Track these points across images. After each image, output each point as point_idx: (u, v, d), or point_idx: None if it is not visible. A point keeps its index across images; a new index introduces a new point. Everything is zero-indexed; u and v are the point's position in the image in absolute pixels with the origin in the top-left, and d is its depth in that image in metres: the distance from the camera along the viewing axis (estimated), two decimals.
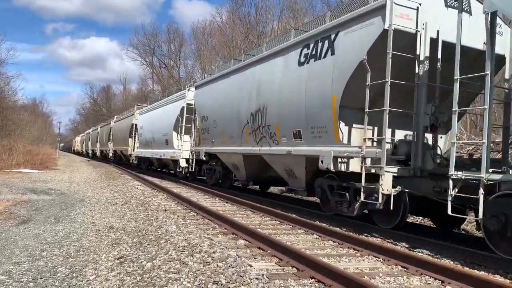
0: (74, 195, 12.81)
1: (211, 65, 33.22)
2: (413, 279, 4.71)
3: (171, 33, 55.44)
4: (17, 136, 31.21)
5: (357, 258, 5.60)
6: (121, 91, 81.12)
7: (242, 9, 36.31)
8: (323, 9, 29.40)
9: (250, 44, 32.12)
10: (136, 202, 10.82)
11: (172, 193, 12.54)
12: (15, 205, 10.55)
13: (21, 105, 42.07)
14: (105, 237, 6.74)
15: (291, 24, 29.83)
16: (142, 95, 61.05)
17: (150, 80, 61.53)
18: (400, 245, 6.30)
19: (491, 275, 4.94)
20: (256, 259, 5.32)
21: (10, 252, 5.92)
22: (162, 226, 7.47)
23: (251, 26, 34.85)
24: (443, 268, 4.76)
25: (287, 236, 6.98)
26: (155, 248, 5.85)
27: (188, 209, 9.79)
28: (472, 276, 4.47)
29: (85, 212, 9.41)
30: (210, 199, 11.87)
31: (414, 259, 5.15)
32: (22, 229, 7.62)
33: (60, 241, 6.54)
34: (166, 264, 5.04)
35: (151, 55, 57.71)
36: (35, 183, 16.52)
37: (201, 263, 5.01)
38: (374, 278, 4.68)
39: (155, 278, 4.53)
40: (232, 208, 10.20)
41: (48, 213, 9.40)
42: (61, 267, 5.07)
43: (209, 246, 5.81)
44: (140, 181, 18.23)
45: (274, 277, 4.52)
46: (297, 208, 9.75)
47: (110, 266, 5.07)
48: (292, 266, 4.96)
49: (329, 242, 6.53)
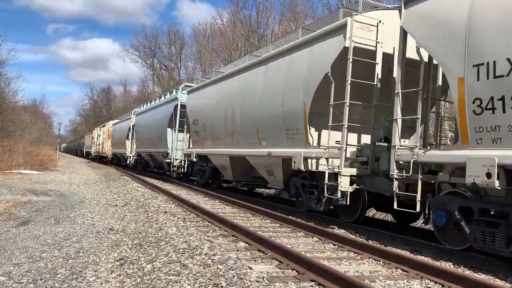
0: (74, 197, 12.81)
1: (211, 67, 33.21)
2: (413, 282, 4.70)
3: (171, 35, 55.55)
4: (17, 137, 31.23)
5: (357, 261, 5.60)
6: (122, 93, 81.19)
7: (243, 11, 36.39)
8: (324, 11, 29.45)
9: (250, 46, 32.15)
10: (136, 204, 10.81)
11: (172, 195, 12.53)
12: (15, 206, 10.55)
13: (22, 106, 42.20)
14: (105, 238, 6.74)
15: (292, 26, 29.88)
16: (143, 96, 61.07)
17: (151, 81, 61.62)
18: (401, 248, 6.30)
19: (491, 278, 4.94)
20: (256, 262, 5.31)
21: (10, 253, 5.92)
22: (162, 228, 7.46)
23: (252, 28, 34.88)
24: (443, 271, 4.76)
25: (287, 238, 6.98)
26: (155, 250, 5.85)
27: (188, 211, 9.79)
28: (472, 279, 4.47)
29: (85, 213, 9.41)
30: (210, 201, 11.87)
31: (414, 263, 5.15)
32: (22, 230, 7.62)
33: (60, 242, 6.54)
34: (166, 266, 5.04)
35: (151, 56, 57.83)
36: (35, 184, 16.52)
37: (201, 265, 5.01)
38: (374, 281, 4.68)
39: (155, 280, 4.53)
40: (232, 210, 10.19)
41: (48, 214, 9.39)
42: (61, 268, 5.06)
43: (209, 249, 5.80)
44: (140, 183, 18.23)
45: (274, 280, 4.52)
46: (297, 210, 9.75)
47: (110, 267, 5.06)
48: (292, 269, 4.96)
49: (329, 245, 6.53)
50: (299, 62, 9.17)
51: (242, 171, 12.77)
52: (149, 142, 21.98)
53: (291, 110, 9.15)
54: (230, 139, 12.47)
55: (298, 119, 8.89)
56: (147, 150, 22.52)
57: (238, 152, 12.01)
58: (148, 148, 22.21)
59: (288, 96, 9.33)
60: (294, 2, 32.58)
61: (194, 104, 15.79)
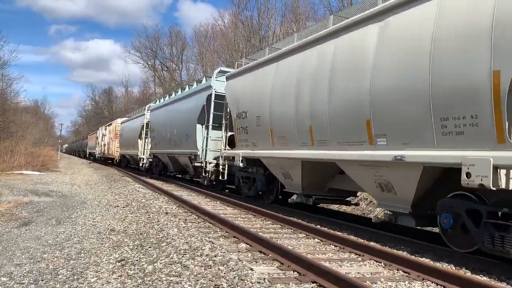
0: (75, 197, 12.82)
1: (213, 68, 33.27)
2: (415, 284, 4.69)
3: (173, 36, 55.63)
4: (19, 138, 31.28)
5: (359, 262, 5.59)
6: (123, 94, 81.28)
7: (245, 12, 36.43)
8: (325, 13, 29.45)
9: (252, 47, 32.17)
10: (137, 205, 10.82)
11: (173, 196, 12.54)
12: (17, 206, 10.57)
13: (23, 107, 42.32)
14: (106, 239, 6.74)
15: (293, 28, 29.89)
16: (144, 97, 61.14)
17: (152, 83, 61.70)
18: (402, 250, 6.29)
19: (493, 281, 4.92)
20: (257, 263, 5.31)
21: (11, 254, 5.92)
22: (164, 229, 7.46)
23: (253, 29, 34.91)
24: (445, 273, 4.75)
25: (288, 240, 6.97)
26: (156, 251, 5.85)
27: (189, 212, 9.79)
28: (474, 281, 4.46)
29: (86, 214, 9.41)
30: (211, 202, 11.87)
31: (415, 264, 5.13)
32: (23, 231, 7.62)
33: (61, 243, 6.54)
34: (167, 267, 5.04)
35: (153, 58, 57.91)
36: (36, 185, 16.54)
37: (203, 267, 5.01)
38: (376, 282, 4.67)
39: (156, 281, 4.53)
40: (233, 211, 10.19)
41: (50, 215, 9.40)
42: (62, 269, 5.06)
43: (211, 250, 5.80)
44: (141, 183, 18.24)
45: (275, 281, 4.51)
46: (297, 212, 9.74)
47: (111, 268, 5.06)
48: (294, 270, 4.95)
49: (330, 246, 6.52)
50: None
51: (316, 180, 9.35)
52: (169, 142, 18.78)
53: (460, 86, 5.41)
54: (307, 137, 8.65)
55: (478, 100, 5.20)
56: (167, 151, 19.21)
57: (325, 155, 8.17)
58: (168, 148, 18.90)
59: (450, 59, 5.59)
60: (296, 4, 32.64)
61: (239, 92, 12.02)
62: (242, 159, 11.70)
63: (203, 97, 15.03)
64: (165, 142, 19.35)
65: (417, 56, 6.04)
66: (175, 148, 17.90)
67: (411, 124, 6.20)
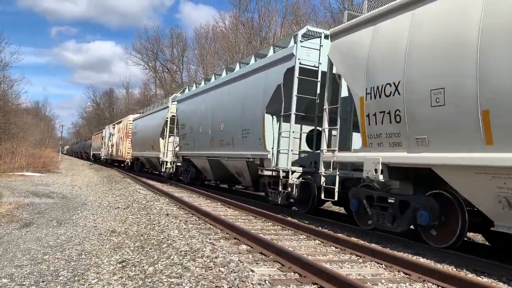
0: (76, 199, 12.83)
1: (213, 70, 33.26)
2: (416, 286, 4.69)
3: (174, 38, 55.71)
4: (20, 139, 31.29)
5: (360, 264, 5.59)
6: (124, 95, 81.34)
7: (245, 14, 36.50)
8: (325, 15, 29.50)
9: (253, 49, 32.19)
10: (138, 206, 10.82)
11: (174, 198, 12.53)
12: (18, 208, 10.57)
13: (24, 108, 42.33)
14: (107, 241, 6.74)
15: (294, 29, 29.91)
16: (145, 99, 61.23)
17: (153, 84, 61.78)
18: (403, 251, 6.29)
19: (494, 282, 4.92)
20: (258, 264, 5.31)
21: (12, 255, 5.92)
22: (164, 230, 7.46)
23: (254, 31, 34.97)
24: (445, 275, 4.74)
25: (289, 241, 6.97)
26: (157, 253, 5.85)
27: (190, 213, 9.79)
28: (475, 283, 4.45)
29: (87, 215, 9.42)
30: (212, 204, 11.87)
31: (416, 266, 5.13)
32: (24, 232, 7.62)
33: (62, 244, 6.54)
34: (168, 268, 5.04)
35: (154, 59, 58.00)
36: (37, 186, 16.55)
37: (203, 268, 5.01)
38: (377, 284, 4.67)
39: (157, 282, 4.53)
40: (234, 213, 10.19)
41: (50, 216, 9.41)
42: (63, 270, 5.07)
43: (211, 251, 5.80)
44: (141, 185, 18.24)
45: (276, 283, 4.51)
46: (298, 213, 9.74)
47: (112, 270, 5.06)
48: (295, 272, 4.95)
49: (331, 248, 6.52)
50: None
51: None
52: (210, 141, 14.35)
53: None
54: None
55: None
56: (206, 152, 14.71)
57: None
58: (209, 150, 14.47)
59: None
60: (296, 5, 32.69)
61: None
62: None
63: (279, 72, 10.14)
64: (203, 141, 14.93)
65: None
66: (220, 150, 13.51)
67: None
